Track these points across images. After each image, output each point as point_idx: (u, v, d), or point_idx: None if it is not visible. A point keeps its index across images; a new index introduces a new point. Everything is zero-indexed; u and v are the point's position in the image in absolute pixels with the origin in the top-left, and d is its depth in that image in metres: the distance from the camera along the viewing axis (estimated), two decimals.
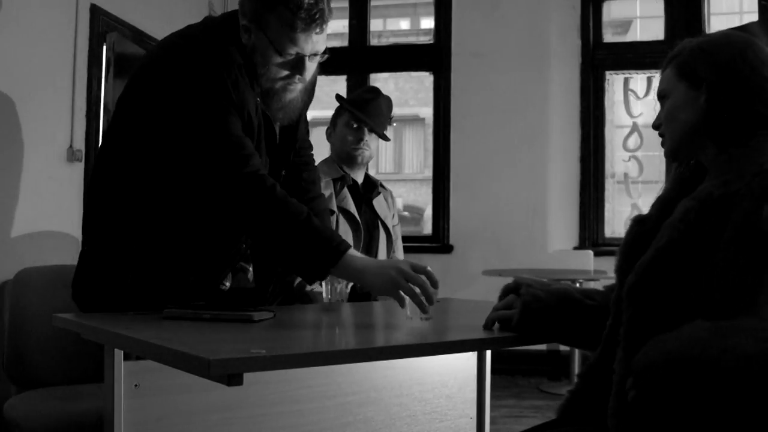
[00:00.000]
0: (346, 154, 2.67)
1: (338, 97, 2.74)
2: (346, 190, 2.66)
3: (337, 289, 1.88)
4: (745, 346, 1.00)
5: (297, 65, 1.72)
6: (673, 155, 1.38)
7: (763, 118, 1.26)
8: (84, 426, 1.88)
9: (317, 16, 1.66)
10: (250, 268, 2.03)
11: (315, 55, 1.74)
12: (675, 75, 1.35)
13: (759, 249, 1.14)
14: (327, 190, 2.63)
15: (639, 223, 1.38)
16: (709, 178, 1.31)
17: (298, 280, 2.49)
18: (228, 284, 1.94)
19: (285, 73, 1.73)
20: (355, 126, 2.65)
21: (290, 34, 1.67)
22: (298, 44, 1.69)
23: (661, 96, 1.38)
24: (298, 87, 1.78)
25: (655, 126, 1.40)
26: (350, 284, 1.94)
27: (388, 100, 2.76)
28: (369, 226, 2.71)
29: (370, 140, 2.68)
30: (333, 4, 1.76)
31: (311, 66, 1.77)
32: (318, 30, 1.69)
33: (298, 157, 2.04)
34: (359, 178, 2.74)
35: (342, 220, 2.61)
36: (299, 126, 1.97)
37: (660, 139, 1.41)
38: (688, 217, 1.23)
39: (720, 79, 1.28)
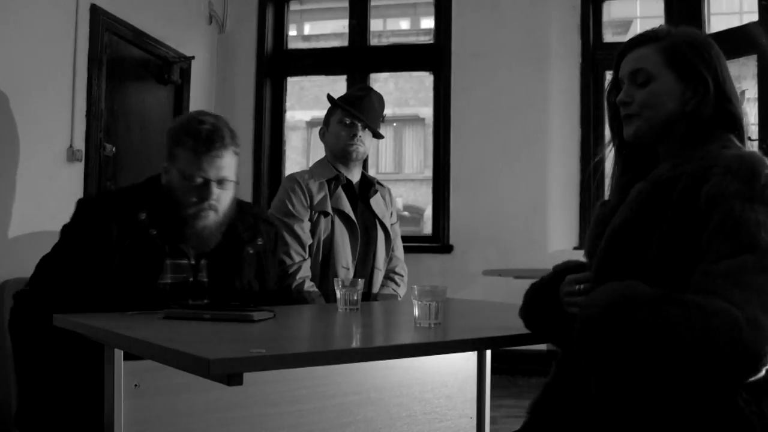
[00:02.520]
0: (340, 151, 2.66)
1: (329, 96, 2.74)
2: (340, 190, 2.65)
3: (352, 297, 1.87)
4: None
5: (203, 189, 1.85)
6: (642, 138, 1.39)
7: (731, 116, 1.33)
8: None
9: (217, 141, 1.85)
10: None
11: (222, 181, 1.88)
12: (663, 60, 1.35)
13: (696, 224, 1.20)
14: (321, 192, 2.62)
15: (601, 206, 1.44)
16: (663, 163, 1.36)
17: (296, 282, 2.49)
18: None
19: (194, 198, 1.86)
20: (348, 122, 2.65)
21: (194, 159, 1.84)
22: (203, 167, 1.85)
23: (642, 76, 1.37)
24: (210, 215, 1.88)
25: (626, 102, 1.39)
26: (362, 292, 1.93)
27: (380, 97, 2.75)
28: (367, 225, 2.70)
29: (364, 137, 2.67)
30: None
31: (221, 193, 1.89)
32: (220, 154, 1.86)
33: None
34: (354, 178, 2.73)
35: (337, 220, 2.61)
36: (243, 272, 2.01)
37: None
38: (640, 198, 1.29)
39: (711, 78, 1.33)
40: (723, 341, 1.05)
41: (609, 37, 5.15)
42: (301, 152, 8.47)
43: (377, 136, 2.76)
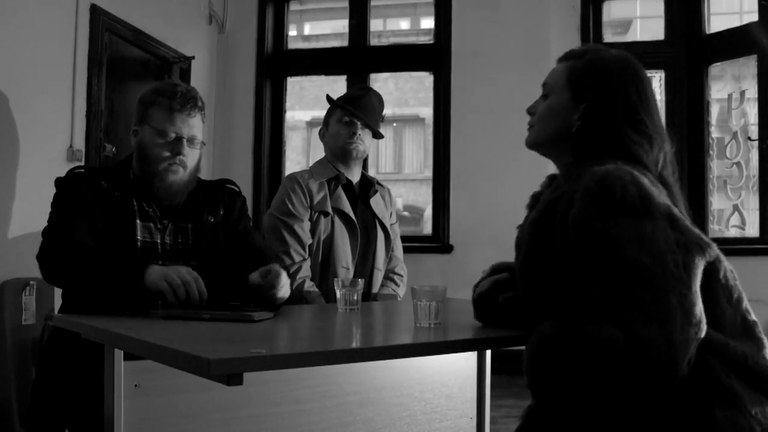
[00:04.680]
0: (340, 150, 2.66)
1: (328, 97, 2.74)
2: (340, 190, 2.65)
3: (352, 297, 1.86)
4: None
5: (175, 146, 1.97)
6: (531, 147, 1.49)
7: (627, 139, 1.33)
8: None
9: (190, 101, 2.00)
10: None
11: (192, 140, 2.00)
12: (566, 78, 1.41)
13: (573, 252, 1.22)
14: (321, 192, 2.62)
15: (532, 198, 1.50)
16: (555, 184, 1.40)
17: (296, 282, 2.49)
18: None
19: (166, 153, 1.97)
20: (347, 120, 2.65)
21: (169, 116, 1.97)
22: (176, 124, 1.97)
23: (546, 89, 1.45)
24: (179, 170, 1.98)
25: (530, 112, 1.49)
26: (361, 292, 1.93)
27: (379, 97, 2.75)
28: (366, 225, 2.70)
29: (364, 135, 2.67)
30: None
31: (190, 152, 2.00)
32: (192, 113, 1.99)
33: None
34: (355, 178, 2.73)
35: (337, 220, 2.61)
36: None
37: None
38: (530, 230, 1.34)
39: (599, 105, 1.36)
40: (617, 367, 1.10)
41: (609, 37, 5.15)
42: (301, 152, 8.47)
43: (377, 135, 2.75)
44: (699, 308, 1.14)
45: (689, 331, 1.10)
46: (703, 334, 1.13)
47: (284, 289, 1.88)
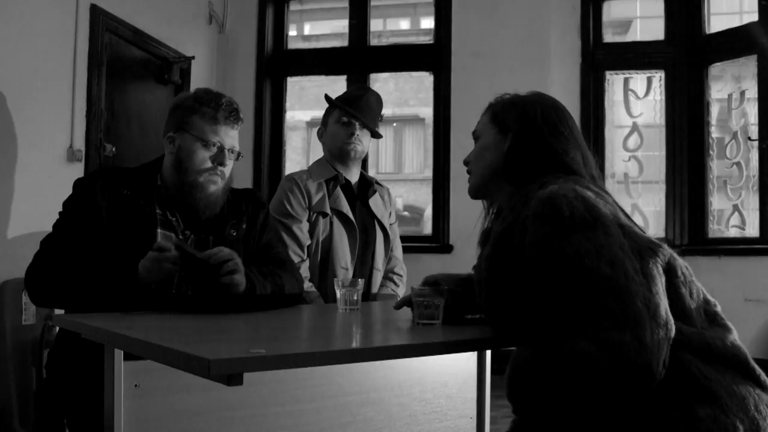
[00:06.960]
0: (338, 150, 2.66)
1: (327, 96, 2.74)
2: (339, 190, 2.65)
3: (352, 297, 1.86)
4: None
5: (219, 156, 1.98)
6: (475, 193, 1.57)
7: (555, 152, 1.44)
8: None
9: (233, 112, 2.00)
10: None
11: (232, 151, 2.02)
12: (489, 120, 1.56)
13: (535, 275, 1.27)
14: (319, 192, 2.62)
15: (483, 234, 1.57)
16: (502, 216, 1.45)
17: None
18: None
19: (208, 164, 1.97)
20: (345, 121, 2.65)
21: (213, 126, 1.97)
22: (220, 135, 1.98)
23: (475, 136, 1.59)
24: (218, 181, 1.99)
25: (466, 162, 1.61)
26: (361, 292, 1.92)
27: (377, 97, 2.74)
28: (365, 226, 2.69)
29: (362, 135, 2.67)
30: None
31: (229, 163, 2.02)
32: (235, 125, 2.01)
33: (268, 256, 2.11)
34: (353, 178, 2.73)
35: (336, 221, 2.60)
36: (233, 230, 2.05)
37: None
38: (488, 265, 1.38)
39: (522, 128, 1.48)
40: (594, 377, 1.13)
41: (609, 37, 5.15)
42: (301, 152, 8.47)
43: (375, 135, 2.75)
44: (664, 309, 1.17)
45: (659, 332, 1.13)
46: (672, 333, 1.16)
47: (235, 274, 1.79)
